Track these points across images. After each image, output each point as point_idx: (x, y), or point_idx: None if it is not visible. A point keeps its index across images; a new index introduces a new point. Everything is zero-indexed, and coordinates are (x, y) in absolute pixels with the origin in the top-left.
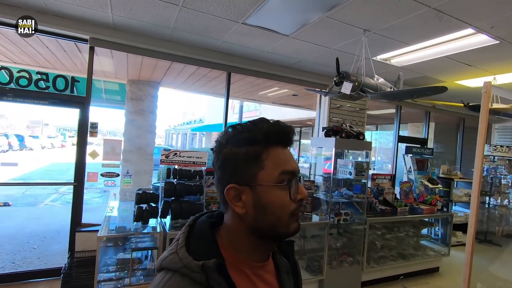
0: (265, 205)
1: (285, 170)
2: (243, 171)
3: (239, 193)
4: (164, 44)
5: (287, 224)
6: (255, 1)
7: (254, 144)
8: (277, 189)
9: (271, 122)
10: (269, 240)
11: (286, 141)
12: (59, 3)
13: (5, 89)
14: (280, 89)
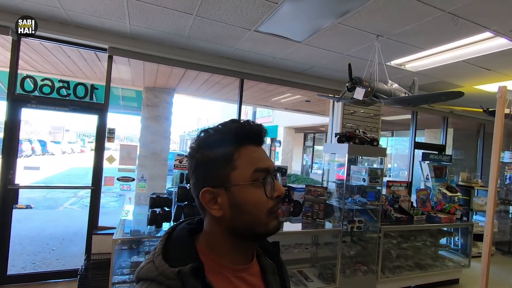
0: (241, 205)
1: (258, 168)
2: (216, 173)
3: (214, 196)
4: (179, 52)
5: (265, 222)
6: (267, 9)
7: (224, 146)
8: (252, 188)
9: (241, 122)
10: (249, 240)
11: (257, 139)
12: (81, 15)
13: (30, 97)
14: (293, 95)
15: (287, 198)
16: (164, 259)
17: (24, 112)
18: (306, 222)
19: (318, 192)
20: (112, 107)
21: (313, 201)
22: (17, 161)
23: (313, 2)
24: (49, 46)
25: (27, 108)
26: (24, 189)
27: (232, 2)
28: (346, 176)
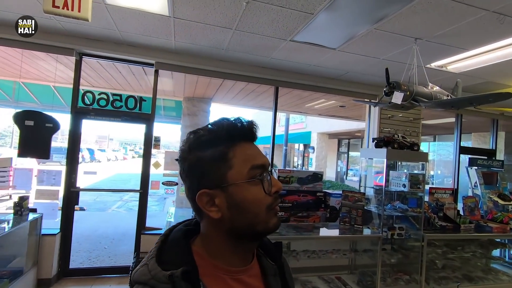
0: (240, 204)
1: (255, 165)
2: (212, 174)
3: (211, 197)
4: (218, 63)
5: (265, 220)
6: (303, 19)
7: (218, 145)
8: (249, 186)
9: (232, 119)
10: (248, 240)
11: (250, 135)
12: (132, 35)
13: (89, 109)
14: (327, 100)
15: (323, 204)
16: (158, 262)
17: (84, 123)
18: (344, 228)
19: (355, 197)
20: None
21: (350, 206)
22: (78, 167)
23: (349, 10)
24: (104, 63)
25: (86, 119)
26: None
27: (269, 15)
28: (385, 181)
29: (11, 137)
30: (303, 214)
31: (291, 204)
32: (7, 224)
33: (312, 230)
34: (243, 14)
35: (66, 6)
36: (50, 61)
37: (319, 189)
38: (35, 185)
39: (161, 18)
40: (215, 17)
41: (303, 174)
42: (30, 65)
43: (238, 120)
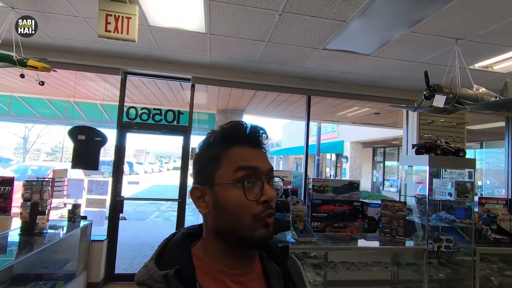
0: (222, 205)
1: (241, 166)
2: (204, 171)
3: (202, 193)
4: (250, 75)
5: (251, 227)
6: (335, 27)
7: (213, 146)
8: (233, 188)
9: (234, 122)
10: (238, 246)
11: (248, 140)
12: (171, 52)
13: (133, 123)
14: (360, 108)
15: (360, 214)
16: (157, 263)
17: (128, 136)
18: (384, 239)
19: (396, 207)
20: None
21: (391, 217)
22: (123, 178)
23: (383, 15)
24: (145, 80)
25: (130, 132)
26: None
27: (302, 25)
28: (428, 190)
29: (61, 153)
30: (340, 224)
31: (327, 214)
32: (62, 230)
33: (350, 241)
34: (276, 26)
35: (116, 30)
36: (98, 81)
37: (356, 198)
38: (85, 194)
39: (198, 35)
40: (249, 31)
41: (339, 183)
42: (82, 85)
43: (237, 123)
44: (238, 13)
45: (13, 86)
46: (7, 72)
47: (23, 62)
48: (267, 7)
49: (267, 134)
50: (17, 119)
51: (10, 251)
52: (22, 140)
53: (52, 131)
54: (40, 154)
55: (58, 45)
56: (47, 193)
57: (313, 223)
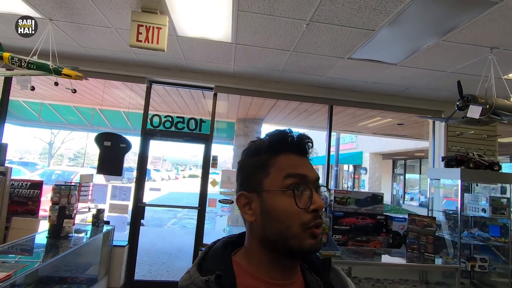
0: (270, 212)
1: (289, 173)
2: (251, 178)
3: (249, 200)
4: (272, 84)
5: (299, 237)
6: (363, 36)
7: (262, 154)
8: (282, 195)
9: (281, 130)
10: (284, 255)
11: (296, 148)
12: (196, 62)
13: (156, 131)
14: (383, 118)
15: (384, 228)
16: (199, 270)
17: (152, 143)
18: (412, 255)
19: (424, 222)
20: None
21: (418, 232)
22: (145, 184)
23: (414, 24)
24: (168, 89)
25: (153, 140)
26: (148, 207)
27: (328, 35)
28: (460, 205)
29: (83, 158)
30: (362, 238)
31: (349, 227)
32: (86, 234)
33: (373, 256)
34: (302, 35)
35: (147, 40)
36: (124, 89)
37: (380, 212)
38: (109, 199)
39: (224, 45)
40: (275, 40)
41: (362, 195)
42: (108, 93)
43: (283, 132)
44: (265, 23)
45: (45, 94)
46: (40, 80)
47: (58, 70)
48: (295, 16)
49: (313, 142)
50: (45, 125)
51: (37, 253)
52: (48, 145)
53: (76, 137)
54: (63, 159)
55: (90, 55)
56: (74, 197)
57: (334, 236)
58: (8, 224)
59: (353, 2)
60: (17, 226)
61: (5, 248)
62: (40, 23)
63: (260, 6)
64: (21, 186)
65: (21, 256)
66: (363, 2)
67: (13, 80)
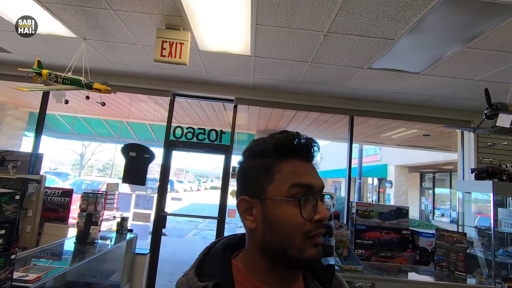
0: (272, 221)
1: (296, 183)
2: (254, 183)
3: (250, 206)
4: (292, 96)
5: (300, 247)
6: (382, 46)
7: (266, 157)
8: (286, 204)
9: (287, 133)
10: (283, 264)
11: (303, 154)
12: (216, 75)
13: (178, 142)
14: (407, 129)
15: (410, 244)
16: (197, 273)
17: (174, 154)
18: (441, 274)
19: (453, 238)
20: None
21: (448, 249)
22: (167, 194)
23: (435, 32)
24: (191, 102)
25: (176, 151)
26: (170, 216)
27: (346, 45)
28: (493, 221)
29: (111, 169)
30: (387, 253)
31: (372, 241)
32: (110, 241)
33: (399, 273)
34: (320, 46)
35: (170, 55)
36: (149, 102)
37: (405, 226)
38: (133, 208)
39: (243, 58)
40: (293, 52)
41: (385, 208)
42: (135, 106)
43: (290, 134)
44: (283, 36)
45: (77, 108)
46: (73, 95)
47: (90, 85)
48: (312, 28)
49: (319, 146)
50: (77, 137)
51: (65, 258)
52: (79, 156)
53: (105, 149)
54: (93, 170)
55: (118, 70)
56: (100, 205)
57: (356, 250)
58: (40, 229)
59: (370, 12)
60: (48, 232)
61: (37, 252)
62: (75, 42)
63: (278, 19)
64: (53, 194)
65: (51, 260)
66: (380, 11)
67: (50, 95)
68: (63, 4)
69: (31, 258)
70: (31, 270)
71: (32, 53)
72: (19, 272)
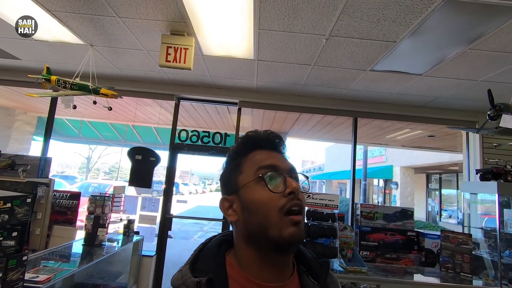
0: (248, 206)
1: (261, 166)
2: (230, 182)
3: (231, 203)
4: (295, 98)
5: (279, 225)
6: (384, 48)
7: (235, 158)
8: (256, 186)
9: (249, 132)
10: (268, 249)
11: (266, 145)
12: (220, 79)
13: (183, 145)
14: (412, 130)
15: (415, 246)
16: (191, 269)
17: (179, 157)
18: (446, 275)
19: (459, 239)
20: None
21: (453, 250)
22: (172, 196)
23: (436, 34)
24: (195, 105)
25: (181, 153)
26: (175, 218)
27: (348, 48)
28: (499, 222)
29: (117, 172)
30: (392, 255)
31: (377, 243)
32: (117, 243)
33: (404, 274)
34: (322, 50)
35: (175, 60)
36: (155, 106)
37: (410, 228)
38: (139, 210)
39: (247, 61)
40: (295, 55)
41: (390, 210)
42: (140, 110)
43: (253, 132)
44: (286, 40)
45: (85, 112)
46: (81, 100)
47: (97, 90)
48: (314, 32)
49: (283, 140)
50: (84, 141)
51: (73, 259)
52: (86, 160)
53: (111, 152)
54: (99, 173)
55: (124, 75)
56: (107, 208)
57: (361, 252)
58: (49, 232)
59: (371, 15)
60: (57, 234)
61: (47, 254)
62: (82, 49)
63: (280, 24)
64: (61, 197)
65: (60, 262)
66: (381, 15)
67: (58, 100)
68: (71, 13)
69: (40, 260)
70: (41, 271)
71: (41, 59)
72: (30, 273)
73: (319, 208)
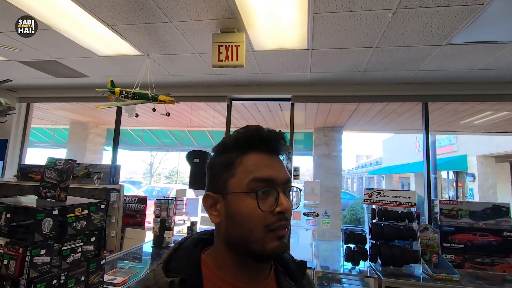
0: (234, 215)
1: (256, 177)
2: (217, 179)
3: (215, 202)
4: (353, 87)
5: (262, 240)
6: (466, 15)
7: (228, 152)
8: (246, 198)
9: (250, 127)
10: (248, 258)
11: (265, 147)
12: (272, 74)
13: None
14: (495, 112)
15: None
16: (165, 269)
17: None
18: None
19: None
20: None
21: None
22: None
23: None
24: (247, 105)
25: None
26: None
27: (420, 20)
28: None
29: (176, 176)
30: (484, 259)
31: (463, 245)
32: None
33: (503, 283)
34: (387, 27)
35: (227, 58)
36: (208, 109)
37: (507, 227)
38: (200, 212)
39: (299, 52)
40: (355, 38)
41: (478, 206)
42: (195, 115)
43: (254, 129)
44: (344, 21)
45: (145, 121)
46: (141, 110)
47: (155, 98)
48: (378, 7)
49: (286, 140)
50: (146, 148)
51: (145, 260)
52: (149, 166)
53: (170, 157)
54: (160, 177)
55: (178, 82)
56: (172, 211)
57: (444, 255)
58: (123, 234)
59: None
60: (129, 236)
61: (122, 255)
62: (139, 60)
63: (338, 3)
64: (131, 201)
65: (133, 263)
66: None
67: (122, 110)
68: (128, 24)
69: (117, 261)
70: (117, 273)
71: (106, 74)
72: (108, 275)
73: (391, 206)
